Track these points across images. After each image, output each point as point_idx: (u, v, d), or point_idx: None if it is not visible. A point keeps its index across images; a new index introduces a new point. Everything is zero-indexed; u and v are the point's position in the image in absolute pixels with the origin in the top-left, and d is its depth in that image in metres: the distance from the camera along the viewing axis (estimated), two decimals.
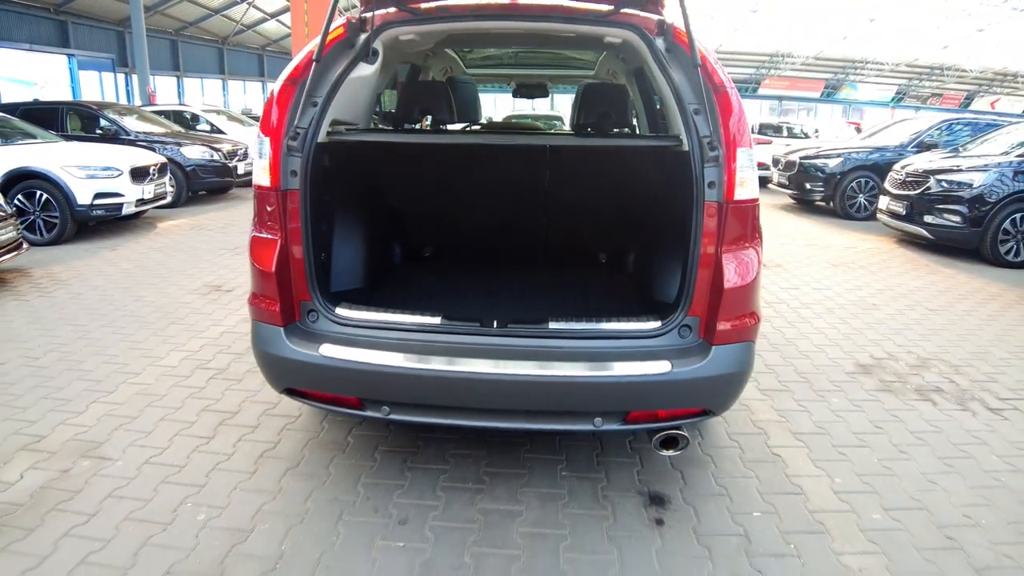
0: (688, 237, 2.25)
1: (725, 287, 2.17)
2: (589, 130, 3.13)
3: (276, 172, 2.27)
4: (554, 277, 3.39)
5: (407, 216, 3.58)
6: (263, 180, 2.30)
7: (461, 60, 5.03)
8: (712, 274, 2.22)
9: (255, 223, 2.40)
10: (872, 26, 33.35)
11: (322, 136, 2.36)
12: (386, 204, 3.38)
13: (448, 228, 3.73)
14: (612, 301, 2.94)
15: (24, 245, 5.51)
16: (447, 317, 2.35)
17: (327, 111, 2.34)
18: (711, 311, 2.22)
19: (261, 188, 2.33)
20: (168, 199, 8.31)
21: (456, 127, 3.88)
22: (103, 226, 7.65)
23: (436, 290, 3.10)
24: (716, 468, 2.71)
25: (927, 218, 7.10)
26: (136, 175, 7.37)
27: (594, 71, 5.08)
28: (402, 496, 2.47)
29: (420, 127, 3.64)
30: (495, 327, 2.31)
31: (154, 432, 2.91)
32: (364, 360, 2.16)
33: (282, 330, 2.27)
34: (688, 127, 2.26)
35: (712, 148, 2.20)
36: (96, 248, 6.67)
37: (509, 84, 5.91)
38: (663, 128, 3.44)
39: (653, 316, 2.35)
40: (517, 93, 5.70)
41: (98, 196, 6.97)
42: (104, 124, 9.47)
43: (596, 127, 3.11)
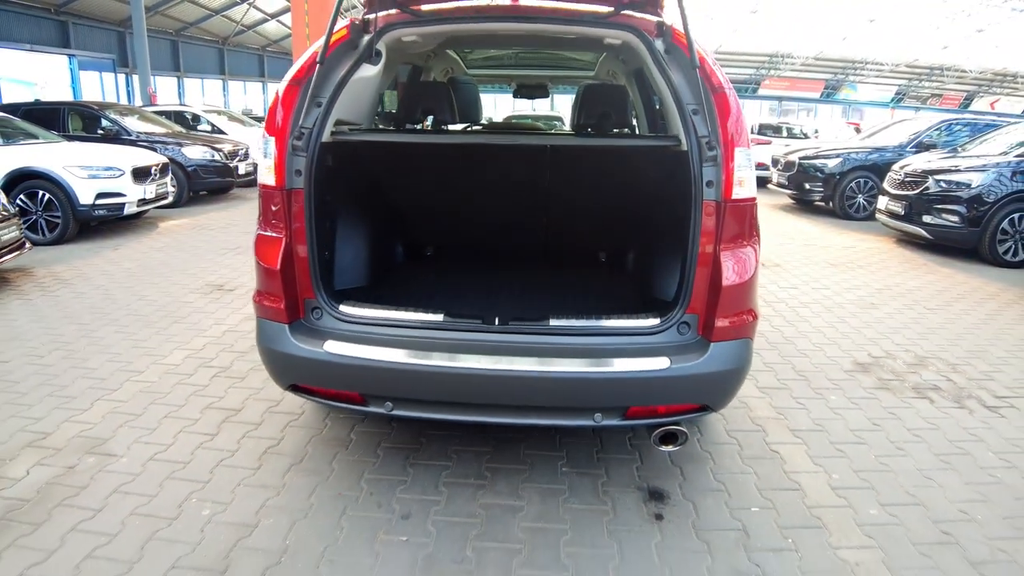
0: (687, 236, 2.28)
1: (723, 285, 2.20)
2: (589, 130, 3.16)
3: (281, 171, 2.30)
4: (554, 275, 3.41)
5: (409, 215, 3.60)
6: (268, 179, 2.33)
7: (462, 61, 5.05)
8: (710, 272, 2.25)
9: (260, 222, 2.43)
10: (872, 27, 33.38)
11: (326, 136, 2.38)
12: (388, 203, 3.40)
13: (449, 227, 3.75)
14: (612, 299, 2.96)
15: (27, 245, 5.53)
16: (449, 314, 2.38)
17: (331, 111, 2.37)
18: (709, 308, 2.24)
19: (266, 187, 2.35)
20: (169, 199, 8.33)
21: (457, 127, 3.90)
22: (105, 226, 7.68)
23: (438, 288, 3.12)
24: (715, 464, 2.74)
25: (926, 218, 7.12)
26: (138, 175, 7.40)
27: (594, 72, 5.11)
28: (405, 491, 2.49)
29: (421, 127, 3.67)
30: (496, 324, 2.34)
31: (158, 429, 2.94)
32: (367, 356, 2.19)
33: (287, 327, 2.29)
34: (687, 127, 2.28)
35: (710, 148, 2.22)
36: (98, 248, 6.70)
37: (510, 85, 5.93)
38: (662, 128, 3.47)
39: (652, 313, 2.37)
40: (518, 94, 5.72)
41: (100, 196, 7.00)
42: (105, 124, 9.49)
43: (596, 127, 3.13)
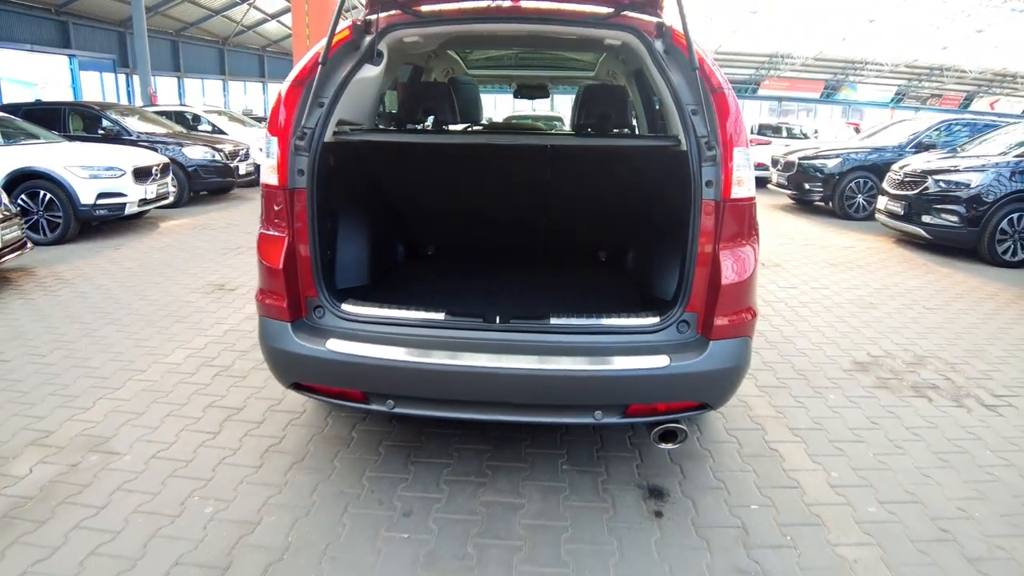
0: (686, 235, 2.29)
1: (722, 283, 2.21)
2: (589, 130, 3.17)
3: (284, 171, 2.32)
4: (554, 274, 3.43)
5: (410, 214, 3.62)
6: (271, 179, 2.35)
7: (463, 61, 5.06)
8: (710, 271, 2.26)
9: (263, 221, 2.44)
10: (871, 27, 33.40)
11: (328, 136, 2.40)
12: (389, 203, 3.42)
13: (450, 226, 3.76)
14: (612, 298, 2.98)
15: (28, 244, 5.55)
16: (450, 313, 2.39)
17: (333, 112, 2.38)
18: (709, 307, 2.26)
19: (269, 187, 2.37)
20: (170, 199, 8.34)
21: (458, 127, 3.92)
22: (106, 226, 7.69)
23: (439, 287, 3.14)
24: (714, 462, 2.75)
25: (925, 218, 7.13)
26: (139, 175, 7.41)
27: (594, 72, 5.12)
28: (406, 489, 2.51)
29: (422, 127, 3.69)
30: (497, 322, 2.35)
31: (161, 427, 2.96)
32: (370, 355, 2.20)
33: (289, 326, 2.31)
34: (686, 127, 2.30)
35: (709, 148, 2.24)
36: (99, 247, 6.71)
37: (510, 85, 5.95)
38: (662, 128, 3.48)
39: (652, 312, 2.39)
40: (518, 94, 5.74)
41: (101, 196, 7.02)
42: (106, 124, 9.51)
43: (596, 127, 3.15)
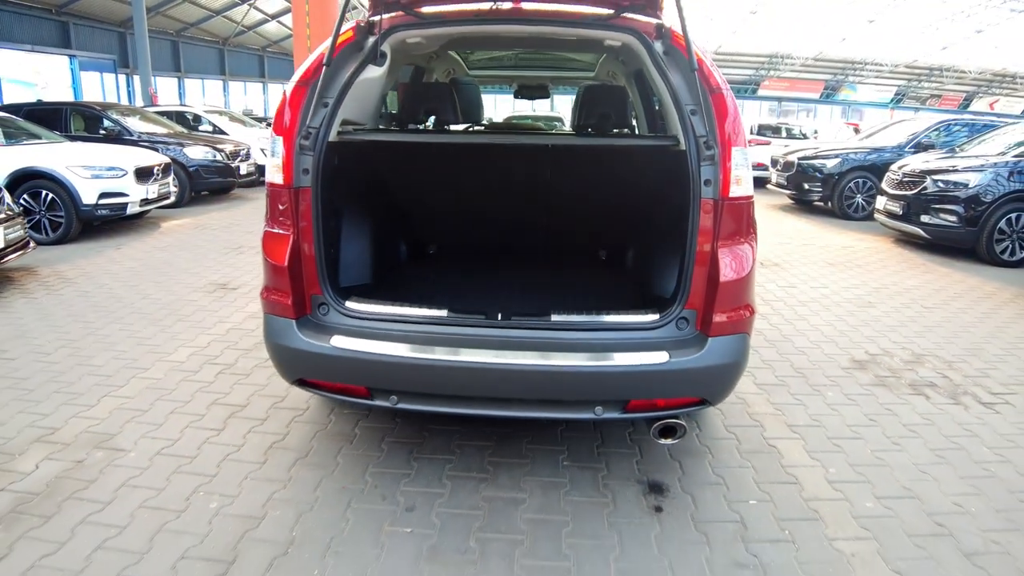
0: (685, 233, 2.32)
1: (721, 281, 2.24)
2: (590, 130, 3.20)
3: (289, 170, 2.35)
4: (555, 273, 3.46)
5: (412, 213, 3.64)
6: (276, 178, 2.38)
7: (464, 62, 5.09)
8: (708, 268, 2.29)
9: (268, 219, 2.47)
10: (871, 27, 33.43)
11: (332, 136, 2.43)
12: (392, 202, 3.44)
13: (452, 225, 3.79)
14: (612, 295, 3.01)
15: (31, 244, 5.57)
16: (453, 310, 2.42)
17: (337, 112, 2.41)
18: (707, 304, 2.28)
19: (274, 185, 2.40)
20: (172, 199, 8.36)
21: (459, 128, 3.94)
22: (107, 225, 7.72)
23: (442, 285, 3.17)
24: (713, 458, 2.78)
25: (924, 218, 7.16)
26: (140, 175, 7.44)
27: (594, 73, 5.15)
28: (409, 484, 2.54)
29: (423, 128, 3.71)
30: (499, 319, 2.38)
31: (165, 424, 2.98)
32: (374, 351, 2.23)
33: (294, 322, 2.34)
34: (685, 127, 2.33)
35: (708, 147, 2.27)
36: (101, 247, 6.74)
37: (511, 85, 5.97)
38: (662, 128, 3.51)
39: (651, 309, 2.42)
40: (519, 94, 5.76)
41: (103, 196, 7.04)
42: (107, 125, 9.53)
43: (596, 127, 3.17)
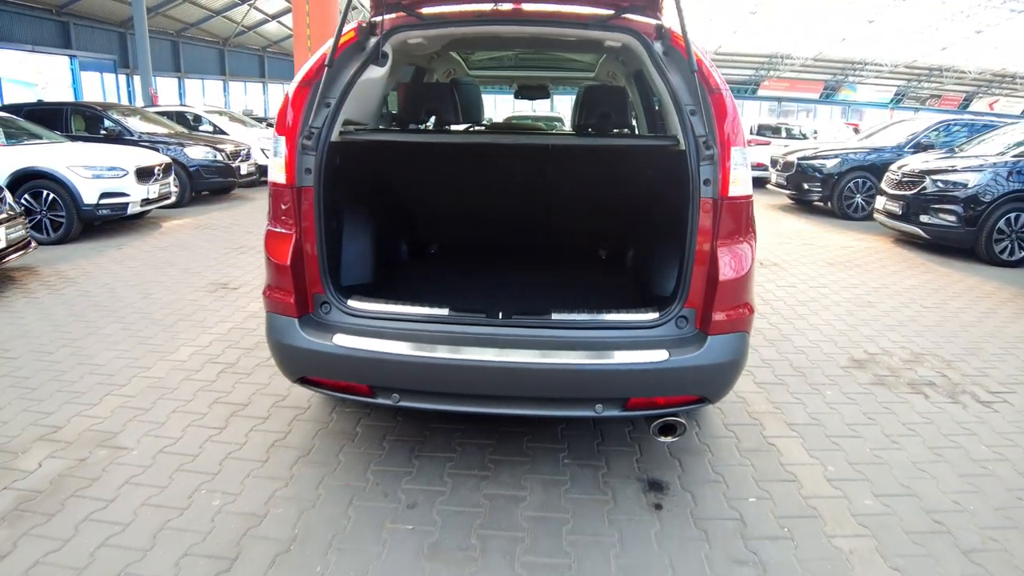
0: (685, 232, 2.34)
1: (720, 280, 2.26)
2: (590, 130, 3.21)
3: (291, 170, 2.36)
4: (556, 272, 3.47)
5: (414, 213, 3.66)
6: (279, 177, 2.39)
7: (464, 62, 5.11)
8: (708, 267, 2.31)
9: (270, 218, 2.49)
10: (871, 27, 33.46)
11: (335, 136, 2.45)
12: (394, 201, 3.46)
13: (453, 225, 3.81)
14: (612, 294, 3.02)
15: (32, 244, 5.59)
16: (454, 308, 2.44)
17: (339, 112, 2.43)
18: (707, 303, 2.30)
19: (276, 185, 2.41)
20: (172, 199, 8.37)
21: (460, 128, 3.96)
22: (108, 225, 7.73)
23: (443, 284, 3.18)
24: (713, 456, 2.80)
25: (923, 218, 7.18)
26: (141, 175, 7.45)
27: (594, 73, 5.16)
28: (410, 482, 2.55)
29: (424, 128, 3.73)
30: (500, 318, 2.39)
31: (167, 423, 3.00)
32: (376, 349, 2.25)
33: (296, 321, 2.35)
34: (685, 127, 2.34)
35: (707, 147, 2.28)
36: (102, 247, 6.75)
37: (511, 86, 5.99)
38: (661, 128, 3.53)
39: (651, 308, 2.44)
40: (519, 95, 5.78)
41: (104, 196, 7.05)
42: (108, 125, 9.54)
43: (597, 127, 3.19)
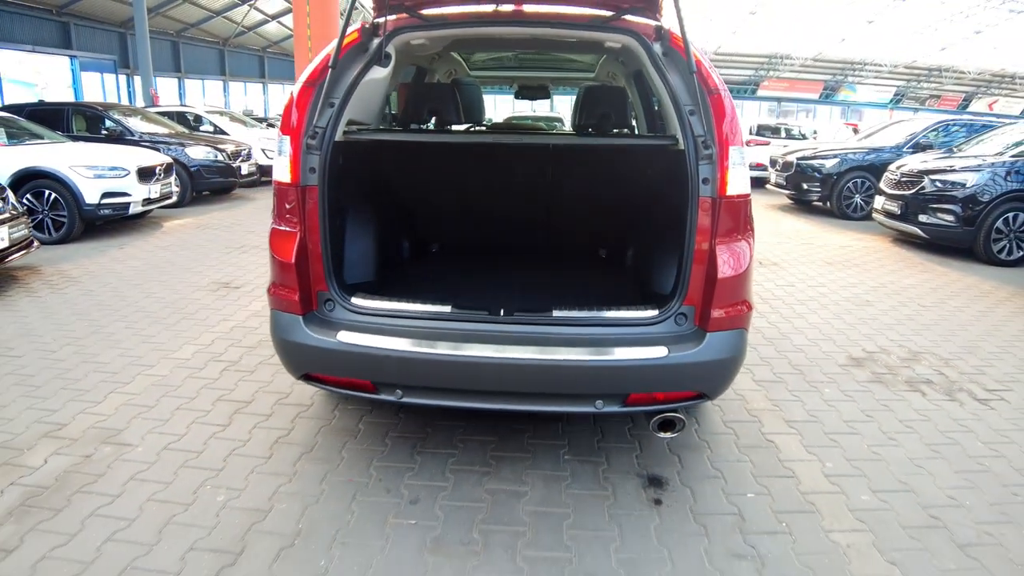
0: (684, 231, 2.37)
1: (718, 277, 2.28)
2: (590, 130, 3.24)
3: (296, 169, 2.39)
4: (556, 270, 3.50)
5: (416, 212, 3.69)
6: (284, 176, 2.42)
7: (465, 63, 5.14)
8: (706, 265, 2.33)
9: (275, 217, 2.52)
10: (871, 28, 33.50)
11: (339, 135, 2.48)
12: (396, 200, 3.49)
13: (455, 224, 3.84)
14: (612, 292, 3.05)
15: (34, 243, 5.61)
16: (456, 306, 2.47)
17: (343, 112, 2.46)
18: (706, 300, 2.33)
19: (281, 184, 2.44)
20: (173, 199, 8.39)
21: (461, 128, 3.99)
22: (110, 225, 7.76)
23: (445, 282, 3.21)
24: (712, 452, 2.82)
25: (922, 217, 7.21)
26: (143, 175, 7.48)
27: (594, 74, 5.19)
28: (413, 478, 2.58)
29: (426, 128, 3.76)
30: (501, 315, 2.42)
31: (171, 420, 3.02)
32: (379, 346, 2.28)
33: (301, 318, 2.38)
34: (684, 127, 2.37)
35: (706, 147, 2.31)
36: (104, 246, 6.78)
37: (511, 86, 6.02)
38: (661, 128, 3.56)
39: (651, 305, 2.46)
40: (520, 95, 5.81)
41: (105, 195, 7.08)
42: (109, 125, 9.56)
43: (597, 127, 3.22)
